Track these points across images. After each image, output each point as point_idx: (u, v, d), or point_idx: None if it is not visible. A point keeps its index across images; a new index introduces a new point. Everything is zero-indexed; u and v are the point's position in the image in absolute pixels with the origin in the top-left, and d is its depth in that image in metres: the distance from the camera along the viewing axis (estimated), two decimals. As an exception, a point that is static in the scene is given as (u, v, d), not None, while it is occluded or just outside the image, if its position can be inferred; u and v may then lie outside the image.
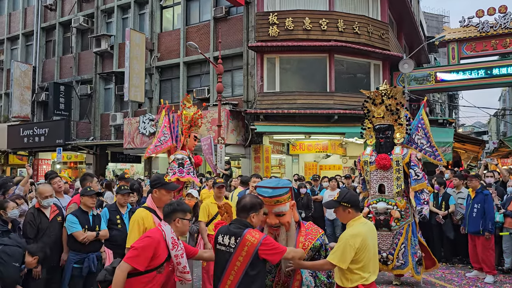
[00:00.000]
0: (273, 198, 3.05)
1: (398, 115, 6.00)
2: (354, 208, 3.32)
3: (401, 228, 5.78)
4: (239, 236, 2.92)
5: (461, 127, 49.60)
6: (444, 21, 46.66)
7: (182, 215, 3.23)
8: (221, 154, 12.73)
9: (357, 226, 3.29)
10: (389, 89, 6.05)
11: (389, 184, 5.88)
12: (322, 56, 15.27)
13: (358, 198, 3.46)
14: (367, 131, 6.32)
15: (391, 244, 5.73)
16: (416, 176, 5.77)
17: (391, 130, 6.01)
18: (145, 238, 3.06)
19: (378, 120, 6.09)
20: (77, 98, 20.42)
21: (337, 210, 3.40)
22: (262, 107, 14.80)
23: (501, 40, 17.64)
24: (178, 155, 6.43)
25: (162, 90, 18.21)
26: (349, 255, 3.13)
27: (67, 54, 21.19)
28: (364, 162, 6.12)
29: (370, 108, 6.18)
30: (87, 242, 4.67)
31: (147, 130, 15.88)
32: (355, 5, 16.04)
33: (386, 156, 5.84)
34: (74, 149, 19.38)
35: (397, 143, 6.00)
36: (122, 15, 19.52)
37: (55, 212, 4.89)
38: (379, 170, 5.91)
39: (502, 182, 8.40)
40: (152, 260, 3.01)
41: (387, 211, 5.72)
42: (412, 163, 5.81)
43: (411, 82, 17.11)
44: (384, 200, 5.84)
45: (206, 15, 16.99)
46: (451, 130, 14.54)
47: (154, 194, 3.75)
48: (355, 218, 3.34)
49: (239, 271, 2.87)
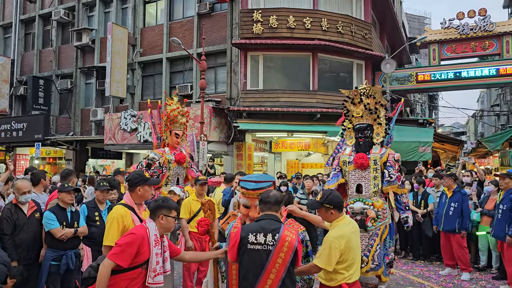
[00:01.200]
0: (256, 190, 3.06)
1: (377, 115, 5.95)
2: (337, 208, 3.34)
3: (377, 229, 5.69)
4: (277, 232, 2.80)
5: (440, 127, 50.53)
6: (426, 22, 47.43)
7: (167, 212, 3.17)
8: (204, 151, 12.68)
9: (341, 227, 3.30)
10: (368, 88, 5.99)
11: (367, 184, 5.81)
12: (305, 54, 15.33)
13: (341, 199, 3.44)
14: (347, 131, 6.26)
15: (367, 246, 5.63)
16: (389, 178, 5.68)
17: (370, 130, 5.96)
18: (129, 234, 3.02)
19: (357, 120, 6.03)
20: (57, 93, 20.03)
21: (319, 211, 3.42)
22: (245, 104, 14.78)
23: (480, 43, 18.03)
24: (151, 155, 6.45)
25: (145, 86, 18.01)
26: (335, 257, 3.15)
27: (47, 47, 20.75)
28: (343, 162, 6.04)
29: (350, 108, 6.12)
30: (65, 239, 4.59)
31: (129, 126, 15.69)
32: (339, 5, 16.15)
33: (364, 155, 5.77)
34: (53, 145, 19.02)
35: (376, 142, 5.95)
36: (104, 9, 19.21)
37: (33, 208, 4.79)
38: (357, 170, 5.83)
39: (479, 181, 8.59)
40: (136, 257, 2.97)
41: (363, 211, 5.64)
42: (388, 163, 5.73)
43: (392, 82, 17.35)
44: (361, 200, 5.75)
45: (190, 11, 16.86)
46: (431, 130, 14.76)
47: (138, 192, 3.67)
48: (338, 218, 3.36)
49: (281, 269, 2.76)
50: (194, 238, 5.61)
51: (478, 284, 6.76)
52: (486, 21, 17.76)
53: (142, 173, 3.90)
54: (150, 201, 3.73)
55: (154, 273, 3.06)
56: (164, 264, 3.18)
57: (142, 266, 3.02)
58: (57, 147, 19.45)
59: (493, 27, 17.63)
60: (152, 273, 3.05)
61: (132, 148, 16.35)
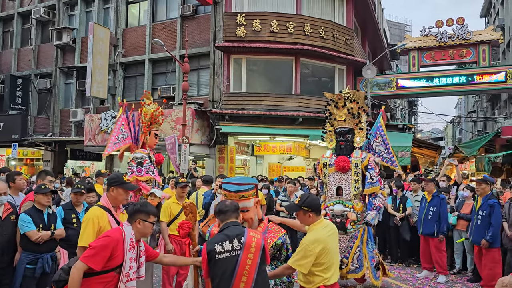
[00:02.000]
0: (238, 193, 3.10)
1: (359, 119, 6.05)
2: (314, 212, 3.37)
3: (356, 231, 5.77)
4: (242, 236, 2.86)
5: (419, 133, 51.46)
6: (406, 29, 48.32)
7: (145, 216, 3.12)
8: (185, 153, 12.61)
9: (317, 231, 3.34)
10: (352, 93, 6.10)
11: (347, 187, 5.90)
12: (288, 58, 15.43)
13: (318, 202, 3.49)
14: (327, 134, 6.33)
15: (346, 248, 5.69)
16: (371, 180, 5.78)
17: (351, 134, 6.05)
18: (104, 237, 2.97)
19: (340, 123, 6.11)
20: (35, 92, 19.63)
21: (298, 214, 3.45)
22: (228, 107, 14.78)
23: (458, 50, 18.47)
24: (137, 154, 6.34)
25: (126, 87, 17.83)
26: (309, 260, 3.19)
27: (26, 46, 20.35)
28: (323, 164, 6.11)
29: (332, 111, 6.20)
30: (42, 241, 4.50)
31: (109, 128, 15.46)
32: (321, 10, 16.33)
33: (345, 158, 5.85)
34: (31, 145, 18.63)
35: (356, 146, 6.04)
36: (86, 8, 18.95)
37: (9, 210, 4.67)
38: (338, 172, 5.92)
39: (456, 184, 8.77)
40: (110, 260, 2.92)
41: (343, 213, 5.70)
42: (369, 166, 5.83)
43: (373, 87, 17.61)
44: (341, 203, 5.82)
45: (173, 13, 16.79)
46: (410, 135, 15.05)
47: (111, 193, 3.66)
48: (315, 222, 3.39)
49: (252, 270, 2.81)
50: (174, 241, 5.58)
51: (454, 286, 6.91)
52: (463, 29, 18.22)
53: (121, 175, 3.87)
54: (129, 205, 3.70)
55: (127, 278, 2.99)
56: (138, 270, 3.13)
57: (116, 270, 2.97)
58: (34, 147, 19.05)
59: (470, 35, 18.10)
60: (124, 278, 2.98)
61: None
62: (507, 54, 27.65)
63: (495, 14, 32.39)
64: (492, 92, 22.04)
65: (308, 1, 16.04)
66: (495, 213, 6.18)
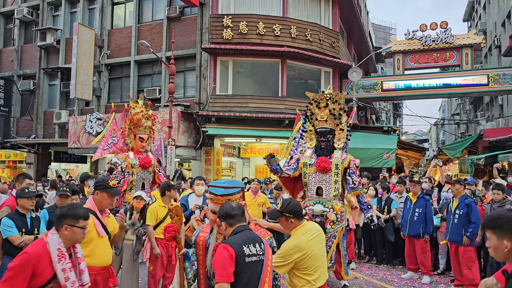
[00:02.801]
0: (225, 196, 3.02)
1: (340, 120, 6.10)
2: (296, 217, 3.38)
3: (335, 231, 5.86)
4: (261, 241, 2.81)
5: (404, 135, 52.06)
6: (391, 33, 48.93)
7: (72, 221, 2.84)
8: (171, 155, 12.54)
9: (297, 236, 3.34)
10: (334, 94, 6.14)
11: (327, 187, 5.94)
12: (274, 61, 15.49)
13: (300, 208, 3.48)
14: (308, 134, 6.35)
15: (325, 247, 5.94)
16: (353, 184, 5.87)
17: (332, 134, 6.10)
18: (22, 254, 2.69)
19: (321, 123, 6.13)
20: (18, 94, 19.32)
21: (280, 220, 3.46)
22: (214, 109, 14.76)
23: (441, 54, 18.78)
24: (113, 159, 6.37)
25: (111, 89, 17.66)
26: (287, 266, 3.24)
27: (9, 46, 20.01)
28: (303, 164, 6.12)
29: (314, 111, 6.22)
30: (24, 246, 4.42)
31: (94, 130, 15.31)
32: (307, 13, 16.43)
33: (326, 159, 5.89)
34: (13, 147, 18.32)
35: (337, 147, 6.09)
36: (70, 9, 18.74)
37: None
38: (318, 172, 5.95)
39: (439, 184, 8.90)
40: (34, 278, 2.65)
41: (323, 213, 5.75)
42: (350, 170, 5.91)
43: (359, 90, 17.77)
44: (321, 203, 5.86)
45: (160, 14, 16.70)
46: (395, 138, 15.21)
47: (96, 196, 3.66)
48: (297, 227, 3.40)
49: (270, 276, 2.79)
50: (161, 244, 5.54)
51: (438, 287, 7.01)
52: (447, 33, 18.54)
53: (107, 179, 3.84)
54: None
55: None
56: (80, 277, 2.92)
57: (48, 285, 2.72)
58: (17, 150, 18.73)
59: (454, 39, 18.43)
60: None
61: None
62: (489, 57, 28.19)
63: (477, 18, 33.00)
64: (475, 95, 22.47)
65: (294, 4, 16.13)
66: (474, 211, 6.34)
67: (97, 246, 3.62)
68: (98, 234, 3.63)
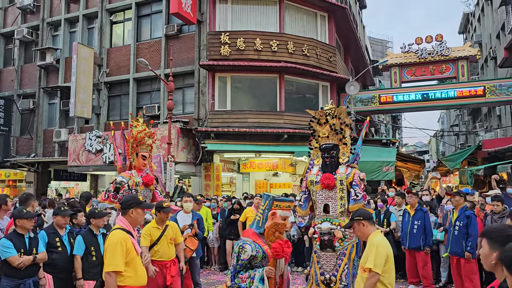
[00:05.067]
0: (291, 204, 3.84)
1: (342, 135, 5.98)
2: (367, 220, 3.90)
3: (344, 248, 5.66)
4: None
5: (404, 147, 52.09)
6: (388, 46, 49.40)
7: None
8: (171, 172, 12.55)
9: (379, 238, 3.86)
10: (333, 109, 6.03)
11: (333, 204, 5.82)
12: (272, 76, 15.62)
13: (369, 212, 4.13)
14: (314, 151, 6.24)
15: (335, 265, 5.58)
16: (356, 196, 5.69)
17: (336, 150, 5.97)
18: None
19: (324, 140, 6.03)
20: (18, 113, 19.42)
21: (353, 228, 4.07)
22: (213, 125, 14.83)
23: (437, 66, 18.93)
24: (118, 178, 6.33)
25: (111, 107, 17.76)
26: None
27: (9, 66, 20.20)
28: (310, 182, 5.99)
29: (316, 128, 6.14)
30: (23, 267, 4.41)
31: (94, 147, 15.36)
32: (304, 28, 16.64)
33: (330, 176, 5.77)
34: (13, 167, 18.33)
35: (342, 162, 5.93)
36: (70, 29, 18.97)
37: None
38: (324, 190, 5.83)
39: (438, 196, 8.90)
40: None
41: (331, 231, 5.61)
42: (354, 182, 5.75)
43: (357, 103, 17.87)
44: (328, 220, 5.72)
45: (158, 32, 16.90)
46: (394, 150, 15.24)
47: (130, 215, 3.62)
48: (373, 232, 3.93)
49: None
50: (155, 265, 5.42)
51: (440, 300, 6.95)
52: (442, 46, 18.72)
53: (136, 196, 3.84)
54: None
55: None
56: None
57: None
58: (17, 169, 18.74)
59: (449, 51, 18.60)
60: None
61: (97, 170, 15.99)
62: (485, 69, 28.41)
63: (472, 30, 33.37)
64: (472, 106, 22.57)
65: (291, 20, 16.35)
66: (472, 223, 6.35)
67: (138, 265, 3.63)
68: (137, 253, 3.64)
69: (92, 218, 5.21)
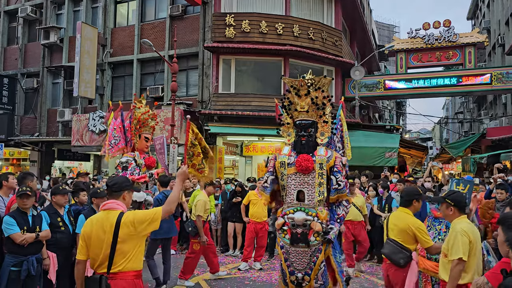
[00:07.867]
0: None
1: (323, 111, 4.95)
2: (457, 207, 3.83)
3: (319, 244, 4.63)
4: None
5: (408, 133, 51.94)
6: (395, 31, 48.74)
7: None
8: (174, 154, 12.59)
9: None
10: (317, 80, 4.94)
11: (310, 191, 4.75)
12: (277, 59, 15.49)
13: (464, 200, 3.94)
14: (285, 127, 5.16)
15: (309, 263, 4.61)
16: (337, 185, 4.73)
17: (314, 128, 4.93)
18: None
19: (301, 115, 4.93)
20: (22, 92, 19.43)
21: (441, 207, 3.99)
22: (217, 108, 14.79)
23: (444, 52, 18.71)
24: (123, 159, 6.38)
25: (114, 87, 17.72)
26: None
27: (12, 45, 20.13)
28: (281, 163, 4.89)
29: (293, 100, 4.99)
30: (26, 244, 4.46)
31: (97, 128, 15.40)
32: (310, 12, 16.42)
33: (308, 157, 4.74)
34: (17, 145, 18.43)
35: (320, 143, 4.91)
36: (74, 8, 18.81)
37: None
38: (299, 173, 4.78)
39: (440, 184, 8.90)
40: None
41: (306, 222, 4.59)
42: (335, 168, 4.77)
43: (361, 88, 17.76)
44: (303, 210, 4.66)
45: (162, 13, 16.74)
46: (397, 136, 15.19)
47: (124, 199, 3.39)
48: (458, 217, 3.87)
49: None
50: None
51: (438, 286, 7.02)
52: (450, 32, 18.46)
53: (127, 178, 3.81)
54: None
55: None
56: None
57: None
58: (21, 148, 18.85)
59: (457, 38, 18.35)
60: None
61: (100, 150, 16.04)
62: (492, 56, 28.07)
63: (481, 16, 32.86)
64: (478, 94, 22.38)
65: (297, 3, 16.13)
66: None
67: None
68: None
69: (93, 198, 5.29)
